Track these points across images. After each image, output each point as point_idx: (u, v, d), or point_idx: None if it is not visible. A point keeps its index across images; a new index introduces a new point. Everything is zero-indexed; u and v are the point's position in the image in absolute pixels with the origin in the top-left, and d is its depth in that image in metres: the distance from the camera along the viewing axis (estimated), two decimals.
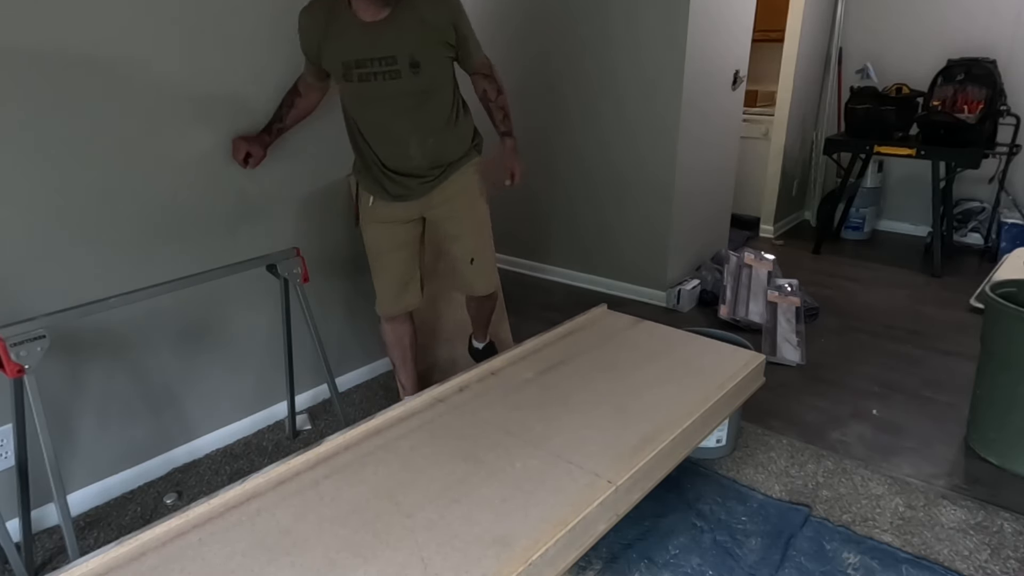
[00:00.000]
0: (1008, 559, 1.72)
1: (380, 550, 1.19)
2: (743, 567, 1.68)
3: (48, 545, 1.79)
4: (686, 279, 3.45)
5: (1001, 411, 2.09)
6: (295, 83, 2.01)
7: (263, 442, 2.26)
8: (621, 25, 3.18)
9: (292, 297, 2.05)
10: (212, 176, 2.02)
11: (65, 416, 1.84)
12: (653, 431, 1.55)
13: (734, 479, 2.03)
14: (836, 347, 2.93)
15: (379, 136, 1.91)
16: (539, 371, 1.84)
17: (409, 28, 1.74)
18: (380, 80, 1.77)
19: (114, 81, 1.75)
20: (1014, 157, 3.97)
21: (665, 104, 3.15)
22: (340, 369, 2.52)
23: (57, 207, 1.71)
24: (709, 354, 1.97)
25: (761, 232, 4.65)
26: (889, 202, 4.72)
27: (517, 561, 1.16)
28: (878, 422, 2.36)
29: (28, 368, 1.47)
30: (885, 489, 1.99)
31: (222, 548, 1.20)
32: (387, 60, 1.75)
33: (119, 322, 1.88)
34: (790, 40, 4.22)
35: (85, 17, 1.67)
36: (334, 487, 1.37)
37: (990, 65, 3.85)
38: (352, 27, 1.74)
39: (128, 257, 1.87)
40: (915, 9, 4.28)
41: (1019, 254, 3.47)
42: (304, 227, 2.30)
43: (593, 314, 2.24)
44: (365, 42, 1.74)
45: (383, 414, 1.64)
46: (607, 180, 3.44)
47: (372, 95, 1.82)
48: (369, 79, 1.77)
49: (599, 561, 1.70)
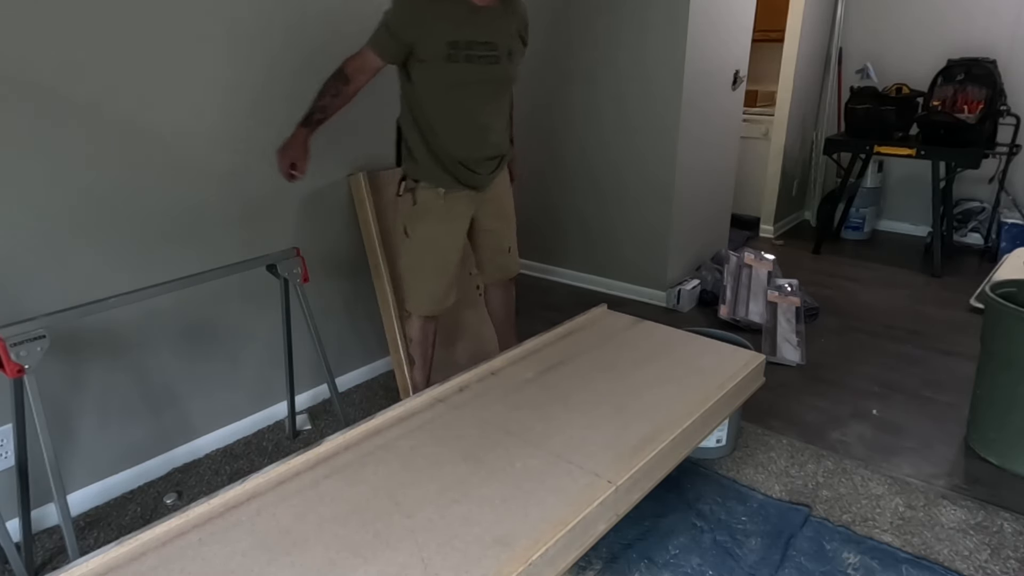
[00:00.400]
0: (1008, 559, 1.72)
1: (380, 550, 1.19)
2: (743, 567, 1.68)
3: (48, 545, 1.79)
4: (686, 279, 3.45)
5: (1001, 411, 2.09)
6: (340, 69, 1.88)
7: (263, 442, 2.26)
8: (621, 25, 3.17)
9: (292, 297, 2.05)
10: (212, 176, 2.02)
11: (65, 416, 1.84)
12: (653, 431, 1.55)
13: (734, 479, 2.03)
14: (836, 347, 2.93)
15: (463, 122, 1.94)
16: (539, 371, 1.84)
17: (510, 20, 1.92)
18: (482, 63, 1.87)
19: (114, 81, 1.75)
20: (1014, 157, 3.97)
21: (665, 104, 3.15)
22: (340, 369, 2.52)
23: (57, 207, 1.71)
24: (709, 354, 1.97)
25: (761, 232, 4.65)
26: (889, 202, 4.72)
27: (517, 561, 1.16)
28: (878, 422, 2.36)
29: (28, 368, 1.47)
30: (885, 489, 1.98)
31: (222, 548, 1.20)
32: (490, 45, 1.86)
33: (119, 322, 1.88)
34: (790, 40, 4.22)
35: (85, 18, 1.67)
36: (334, 487, 1.37)
37: (990, 65, 3.85)
38: (462, 8, 1.82)
39: (128, 257, 1.87)
40: (915, 9, 4.28)
41: (1019, 254, 3.47)
42: (304, 227, 2.30)
43: (593, 314, 2.24)
44: (474, 25, 1.83)
45: (383, 414, 1.63)
46: (607, 180, 3.44)
47: (472, 78, 1.88)
48: (474, 60, 1.84)
49: (599, 561, 1.70)
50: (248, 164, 2.10)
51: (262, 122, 2.09)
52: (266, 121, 2.10)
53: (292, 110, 2.17)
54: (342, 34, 2.26)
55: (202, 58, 1.92)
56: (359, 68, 1.90)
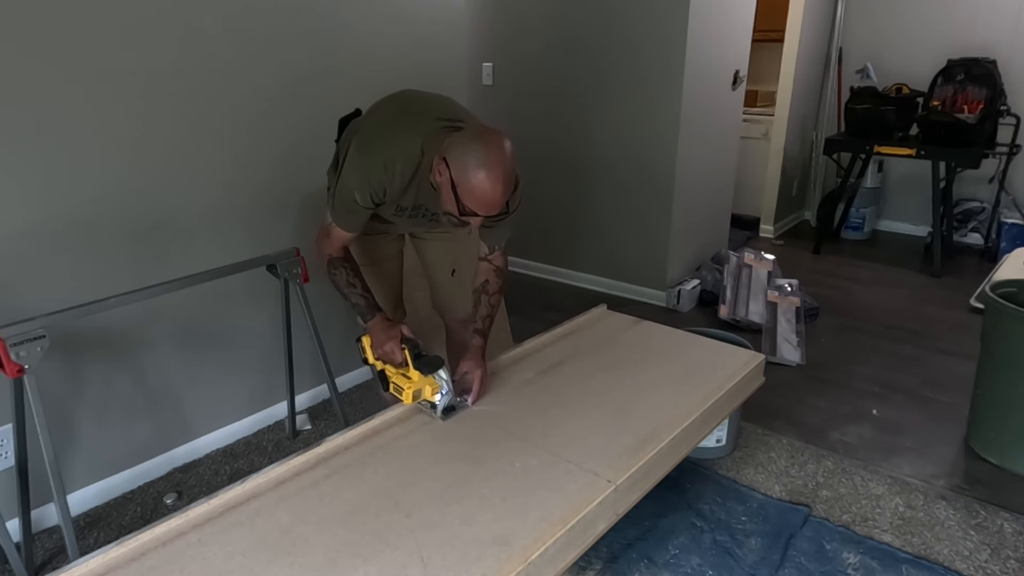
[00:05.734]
0: (1008, 559, 1.72)
1: (380, 550, 1.19)
2: (743, 567, 1.68)
3: (48, 545, 1.79)
4: (686, 279, 3.45)
5: (1001, 411, 2.09)
6: (344, 255, 1.68)
7: (263, 442, 2.26)
8: (621, 25, 3.18)
9: (292, 297, 2.05)
10: (212, 176, 2.02)
11: (65, 416, 1.84)
12: (653, 431, 1.55)
13: (734, 479, 2.03)
14: (836, 347, 2.93)
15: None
16: (539, 371, 1.84)
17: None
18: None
19: (114, 81, 1.75)
20: (1014, 157, 3.97)
21: (665, 104, 3.15)
22: (340, 369, 2.52)
23: (57, 207, 1.71)
24: (709, 354, 1.97)
25: (761, 232, 4.65)
26: (889, 202, 4.72)
27: (517, 561, 1.16)
28: (878, 422, 2.36)
29: (28, 368, 1.47)
30: (885, 489, 1.98)
31: (222, 548, 1.20)
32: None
33: (119, 322, 1.88)
34: (790, 40, 4.22)
35: (86, 17, 1.67)
36: (334, 487, 1.37)
37: (990, 65, 3.85)
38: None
39: (128, 257, 1.87)
40: (915, 9, 4.28)
41: (1019, 254, 3.46)
42: (304, 227, 2.30)
43: (593, 314, 2.24)
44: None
45: (383, 414, 1.63)
46: (607, 180, 3.44)
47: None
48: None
49: (599, 561, 1.70)
50: (249, 164, 2.10)
51: (264, 121, 2.09)
52: (268, 120, 2.10)
53: (293, 110, 2.18)
54: (345, 36, 2.26)
55: (203, 58, 1.92)
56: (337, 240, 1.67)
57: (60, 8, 1.62)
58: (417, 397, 1.60)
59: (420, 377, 1.59)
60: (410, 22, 2.46)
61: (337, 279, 1.68)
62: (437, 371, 1.58)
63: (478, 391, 1.65)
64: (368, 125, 1.59)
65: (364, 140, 1.55)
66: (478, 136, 1.43)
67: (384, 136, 1.54)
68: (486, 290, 1.75)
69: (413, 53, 2.50)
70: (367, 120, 1.62)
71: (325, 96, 2.23)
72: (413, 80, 2.46)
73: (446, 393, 1.59)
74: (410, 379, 1.61)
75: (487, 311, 1.74)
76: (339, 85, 2.27)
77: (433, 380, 1.59)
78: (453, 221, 1.49)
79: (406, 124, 1.54)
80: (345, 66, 2.29)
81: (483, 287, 1.75)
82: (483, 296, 1.75)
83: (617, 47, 3.22)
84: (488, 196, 1.39)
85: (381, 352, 1.65)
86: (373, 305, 1.68)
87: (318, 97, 2.22)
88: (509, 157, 1.42)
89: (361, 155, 1.53)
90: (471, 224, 1.49)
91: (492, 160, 1.38)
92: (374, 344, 1.67)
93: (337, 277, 1.68)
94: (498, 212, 1.45)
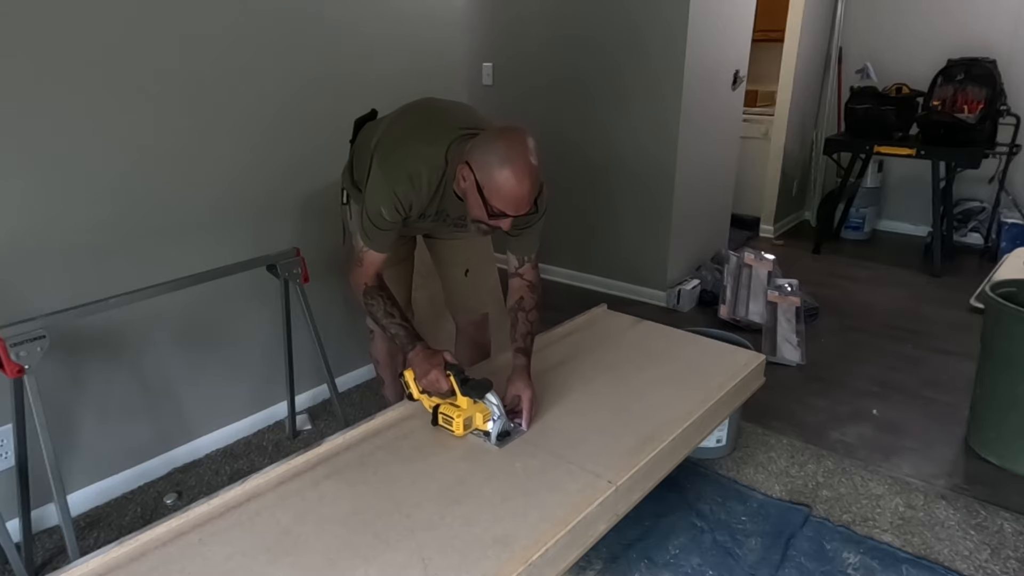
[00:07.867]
0: (1008, 559, 1.72)
1: (380, 550, 1.19)
2: (743, 567, 1.68)
3: (48, 545, 1.79)
4: (686, 279, 3.45)
5: (1001, 411, 2.09)
6: (379, 283, 1.64)
7: (263, 442, 2.26)
8: (621, 25, 3.17)
9: (292, 297, 2.05)
10: (212, 176, 2.02)
11: (65, 416, 1.84)
12: (653, 431, 1.55)
13: (734, 479, 2.03)
14: (836, 347, 2.93)
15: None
16: (539, 371, 1.84)
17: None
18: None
19: (114, 81, 1.75)
20: (1014, 157, 3.98)
21: (665, 104, 3.14)
22: (340, 369, 2.52)
23: (57, 207, 1.71)
24: (709, 354, 1.97)
25: (761, 232, 4.65)
26: (889, 202, 4.72)
27: (517, 561, 1.16)
28: (878, 422, 2.36)
29: (28, 368, 1.47)
30: (885, 489, 1.99)
31: (222, 548, 1.20)
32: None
33: (119, 322, 1.88)
34: (790, 40, 4.22)
35: (89, 15, 1.67)
36: (334, 487, 1.37)
37: (990, 65, 3.85)
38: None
39: (128, 257, 1.87)
40: (915, 9, 4.28)
41: (1019, 254, 3.46)
42: (304, 227, 2.30)
43: (593, 314, 2.24)
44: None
45: (383, 414, 1.63)
46: (607, 180, 3.44)
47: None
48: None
49: (599, 561, 1.70)
50: (250, 165, 2.10)
51: (266, 123, 2.09)
52: (270, 122, 2.10)
53: (294, 112, 2.18)
54: (344, 37, 2.26)
55: (203, 58, 1.92)
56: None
57: (67, 12, 1.62)
58: (468, 426, 1.52)
59: (469, 404, 1.51)
60: (410, 23, 2.46)
61: (374, 309, 1.61)
62: (486, 395, 1.49)
63: (529, 413, 1.56)
64: (390, 137, 1.56)
65: (386, 153, 1.52)
66: (499, 134, 1.41)
67: (407, 148, 1.51)
68: (522, 307, 1.68)
69: (413, 54, 2.49)
70: (389, 132, 1.58)
71: (326, 98, 2.23)
72: (413, 80, 2.47)
73: (498, 418, 1.49)
74: (459, 407, 1.52)
75: (526, 328, 1.67)
76: (340, 87, 2.27)
77: (483, 406, 1.50)
78: (483, 228, 1.46)
79: (428, 134, 1.52)
80: (346, 68, 2.29)
81: (519, 304, 1.68)
82: (520, 313, 1.68)
83: (617, 47, 3.22)
84: (516, 192, 1.36)
85: (426, 382, 1.54)
86: (413, 334, 1.58)
87: (319, 99, 2.22)
88: (533, 152, 1.39)
89: (385, 170, 1.50)
90: (501, 227, 1.45)
91: (516, 155, 1.35)
92: (418, 376, 1.55)
93: (374, 308, 1.61)
94: (527, 211, 1.42)
